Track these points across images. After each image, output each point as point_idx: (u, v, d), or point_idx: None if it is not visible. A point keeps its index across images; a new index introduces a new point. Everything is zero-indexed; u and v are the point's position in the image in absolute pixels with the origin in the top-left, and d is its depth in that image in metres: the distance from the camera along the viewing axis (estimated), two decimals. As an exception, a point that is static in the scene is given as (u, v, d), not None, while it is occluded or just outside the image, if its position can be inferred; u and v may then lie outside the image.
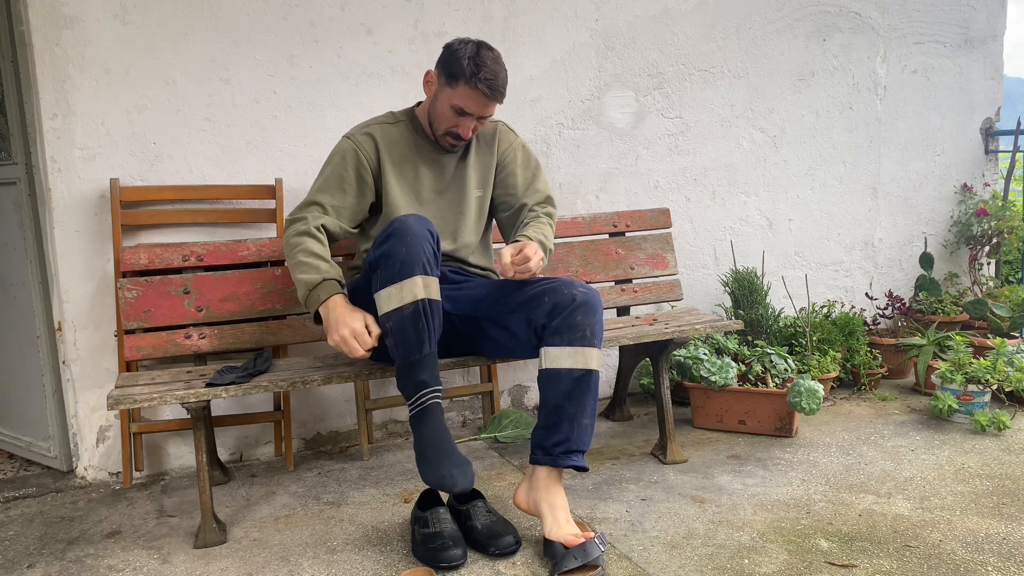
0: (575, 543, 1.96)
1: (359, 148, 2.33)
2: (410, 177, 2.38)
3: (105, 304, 2.69)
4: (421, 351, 2.01)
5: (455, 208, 2.42)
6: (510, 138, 2.52)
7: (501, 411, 3.05)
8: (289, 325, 2.67)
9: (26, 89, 2.65)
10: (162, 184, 2.72)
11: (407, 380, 2.04)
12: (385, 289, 2.00)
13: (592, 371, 2.08)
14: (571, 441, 2.07)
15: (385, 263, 2.01)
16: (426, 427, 2.02)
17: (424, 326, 2.00)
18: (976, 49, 4.05)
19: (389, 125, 2.38)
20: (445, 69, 2.24)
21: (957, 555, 2.02)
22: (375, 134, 2.35)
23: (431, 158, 2.40)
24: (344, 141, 2.35)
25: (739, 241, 3.66)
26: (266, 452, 2.95)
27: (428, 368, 2.03)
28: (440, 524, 2.07)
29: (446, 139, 2.33)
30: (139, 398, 2.12)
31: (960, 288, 4.04)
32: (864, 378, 3.43)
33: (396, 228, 2.02)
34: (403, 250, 1.99)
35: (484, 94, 2.20)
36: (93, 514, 2.49)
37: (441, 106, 2.27)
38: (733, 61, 3.56)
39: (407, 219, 2.04)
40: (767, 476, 2.58)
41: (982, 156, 4.15)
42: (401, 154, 2.37)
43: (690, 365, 3.01)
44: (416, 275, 1.99)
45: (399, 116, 2.42)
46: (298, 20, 2.84)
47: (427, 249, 2.02)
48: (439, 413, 2.04)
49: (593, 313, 2.09)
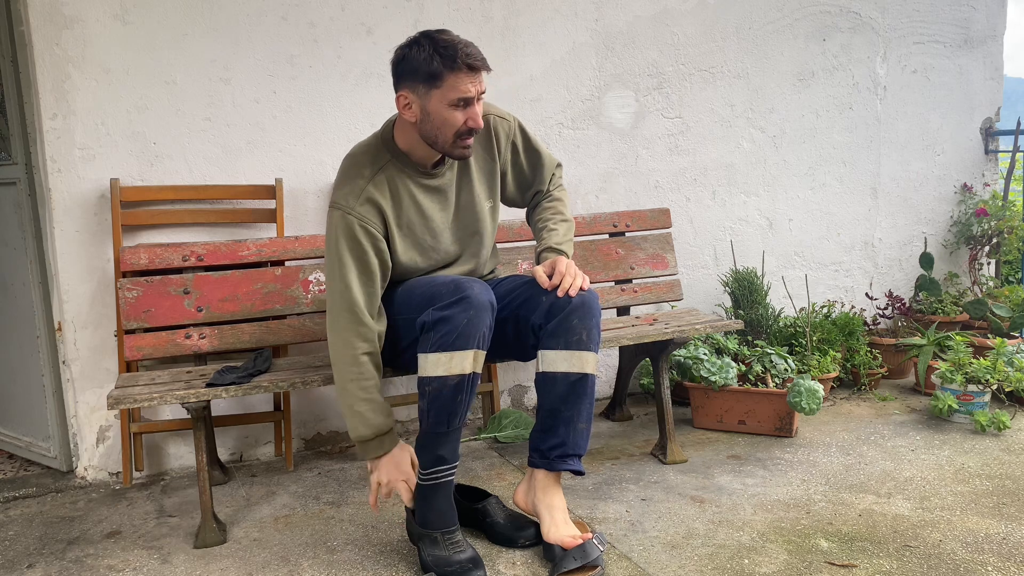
0: (573, 544, 1.97)
1: (368, 224, 2.06)
2: (417, 220, 2.16)
3: (105, 304, 2.69)
4: (451, 425, 1.97)
5: (470, 229, 2.26)
6: (506, 128, 2.27)
7: (501, 411, 3.05)
8: (289, 325, 2.67)
9: (26, 89, 2.65)
10: (162, 184, 2.72)
11: (428, 449, 2.01)
12: (435, 354, 1.93)
13: (588, 375, 2.06)
14: (567, 445, 2.07)
15: (443, 327, 1.92)
16: (434, 501, 2.02)
17: (462, 399, 1.96)
18: (976, 49, 4.05)
19: (379, 175, 2.10)
20: (417, 76, 1.99)
21: (957, 555, 2.02)
22: (374, 197, 2.08)
23: (428, 187, 2.17)
24: (344, 219, 2.05)
25: (739, 241, 3.66)
26: (266, 452, 2.95)
27: (451, 444, 2.00)
28: (456, 548, 2.00)
29: (459, 145, 2.06)
30: (139, 398, 2.13)
31: (960, 288, 4.04)
32: (864, 378, 3.43)
33: (464, 296, 1.94)
34: (464, 320, 1.92)
35: (471, 67, 1.98)
36: (93, 514, 2.49)
37: (439, 113, 2.01)
38: (733, 61, 3.56)
39: (473, 287, 1.96)
40: (767, 476, 2.58)
41: (982, 156, 4.15)
42: (400, 199, 2.13)
43: (690, 365, 3.01)
44: (470, 348, 1.93)
45: (381, 155, 2.13)
46: (298, 20, 2.84)
47: (487, 322, 1.96)
48: (449, 489, 2.04)
49: (590, 316, 2.05)
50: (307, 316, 2.69)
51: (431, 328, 1.95)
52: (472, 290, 1.96)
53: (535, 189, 2.38)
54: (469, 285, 1.98)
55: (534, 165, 2.35)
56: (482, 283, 2.04)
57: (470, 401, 1.99)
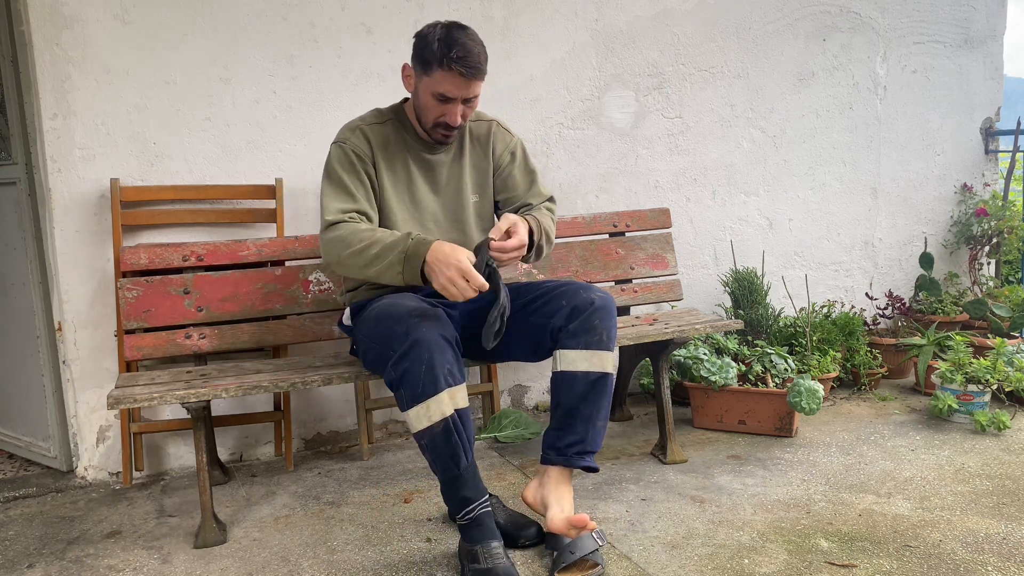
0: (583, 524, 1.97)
1: (356, 149, 2.21)
2: (403, 177, 2.27)
3: (105, 304, 2.69)
4: (459, 466, 1.95)
5: (452, 212, 2.33)
6: (506, 139, 2.40)
7: (501, 411, 3.05)
8: (289, 325, 2.67)
9: (26, 89, 2.65)
10: (162, 184, 2.72)
11: (450, 496, 2.00)
12: (412, 409, 1.91)
13: (608, 374, 2.09)
14: (585, 442, 2.09)
15: (406, 383, 1.91)
16: (475, 537, 1.98)
17: (457, 440, 1.92)
18: (976, 49, 4.05)
19: (378, 125, 2.26)
20: (418, 57, 2.12)
21: (957, 555, 2.02)
22: (367, 132, 2.24)
23: (423, 159, 2.29)
24: (337, 148, 2.23)
25: (739, 241, 3.66)
26: (266, 452, 2.95)
27: (469, 483, 1.98)
28: (493, 560, 1.95)
29: (437, 132, 2.21)
30: (139, 398, 2.13)
31: (960, 288, 4.04)
32: (864, 378, 3.43)
33: (414, 341, 1.91)
34: (423, 368, 1.89)
35: (461, 73, 2.07)
36: (93, 514, 2.49)
37: (423, 97, 2.15)
38: (733, 61, 3.56)
39: (421, 328, 1.93)
40: (767, 476, 2.58)
41: (982, 156, 4.15)
42: (393, 154, 2.26)
43: (690, 365, 3.01)
44: (441, 391, 1.90)
45: (387, 114, 2.30)
46: (298, 20, 2.84)
47: (448, 356, 1.93)
48: (488, 521, 1.99)
49: (610, 316, 2.11)
50: (307, 316, 2.69)
51: (397, 387, 1.95)
52: (420, 331, 1.92)
53: (524, 201, 2.38)
54: (417, 326, 1.94)
55: (528, 181, 2.41)
56: (435, 312, 2.02)
57: (469, 436, 1.96)
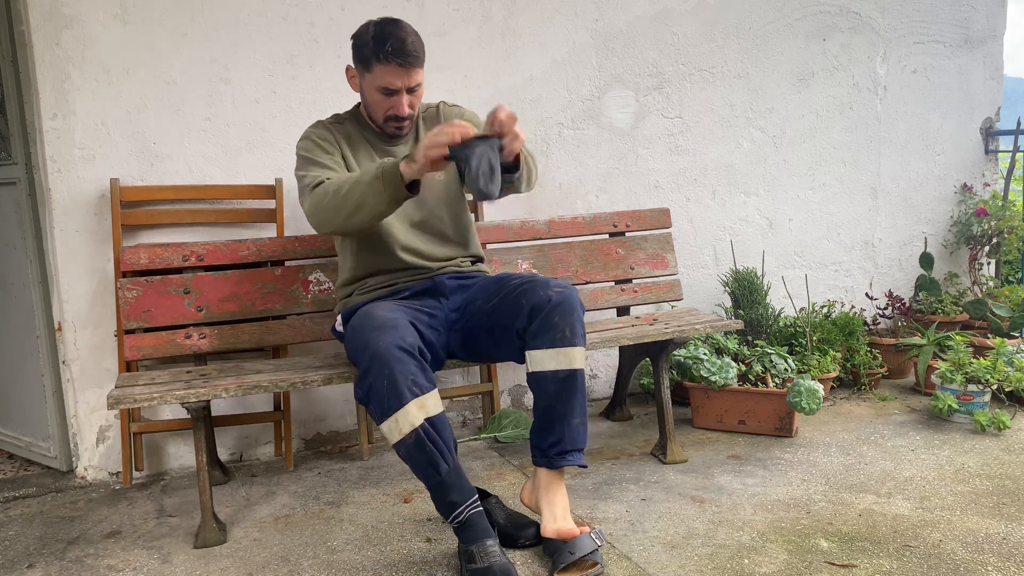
0: (571, 536, 1.97)
1: (323, 137, 2.28)
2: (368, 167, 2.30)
3: (105, 304, 2.69)
4: (439, 472, 1.95)
5: (418, 193, 2.20)
6: (456, 111, 2.44)
7: (501, 411, 3.05)
8: (289, 325, 2.67)
9: (26, 89, 2.65)
10: (162, 184, 2.72)
11: (438, 502, 2.00)
12: (383, 424, 1.93)
13: (576, 370, 2.06)
14: (564, 442, 2.07)
15: (373, 399, 1.93)
16: (469, 537, 1.98)
17: (432, 448, 1.92)
18: (976, 49, 4.05)
19: (338, 124, 2.35)
20: (357, 57, 2.21)
21: (957, 555, 2.02)
22: (330, 128, 2.32)
23: (383, 149, 2.35)
24: (304, 140, 2.29)
25: (739, 241, 3.66)
26: (266, 452, 2.95)
27: (454, 487, 1.97)
28: (489, 558, 1.94)
29: (390, 125, 2.28)
30: (139, 398, 2.13)
31: (960, 288, 4.04)
32: (864, 378, 3.43)
33: (372, 355, 1.92)
34: (384, 383, 1.90)
35: (399, 64, 2.14)
36: (93, 514, 2.49)
37: (369, 94, 2.23)
38: (733, 61, 3.56)
39: (377, 343, 1.93)
40: (767, 476, 2.58)
41: (982, 156, 4.15)
42: (356, 147, 2.33)
43: (690, 365, 3.01)
44: (406, 403, 1.90)
45: (344, 116, 2.38)
46: (298, 20, 2.84)
47: (410, 367, 1.93)
48: (480, 521, 1.99)
49: (571, 312, 2.06)
50: (307, 316, 2.69)
51: (367, 403, 1.96)
52: (379, 345, 1.93)
53: None
54: (375, 340, 1.94)
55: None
56: (393, 323, 2.01)
57: (446, 441, 1.95)
